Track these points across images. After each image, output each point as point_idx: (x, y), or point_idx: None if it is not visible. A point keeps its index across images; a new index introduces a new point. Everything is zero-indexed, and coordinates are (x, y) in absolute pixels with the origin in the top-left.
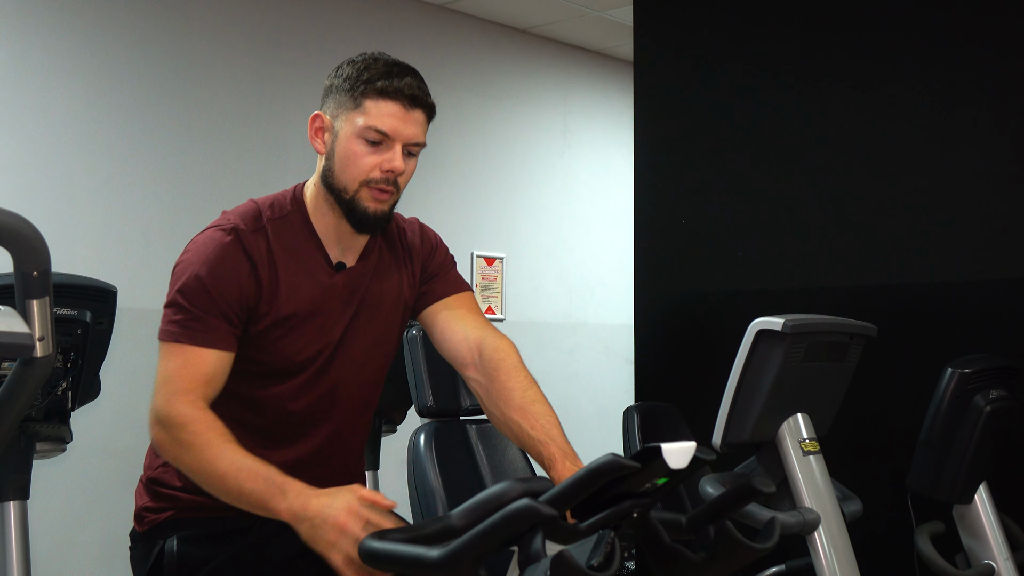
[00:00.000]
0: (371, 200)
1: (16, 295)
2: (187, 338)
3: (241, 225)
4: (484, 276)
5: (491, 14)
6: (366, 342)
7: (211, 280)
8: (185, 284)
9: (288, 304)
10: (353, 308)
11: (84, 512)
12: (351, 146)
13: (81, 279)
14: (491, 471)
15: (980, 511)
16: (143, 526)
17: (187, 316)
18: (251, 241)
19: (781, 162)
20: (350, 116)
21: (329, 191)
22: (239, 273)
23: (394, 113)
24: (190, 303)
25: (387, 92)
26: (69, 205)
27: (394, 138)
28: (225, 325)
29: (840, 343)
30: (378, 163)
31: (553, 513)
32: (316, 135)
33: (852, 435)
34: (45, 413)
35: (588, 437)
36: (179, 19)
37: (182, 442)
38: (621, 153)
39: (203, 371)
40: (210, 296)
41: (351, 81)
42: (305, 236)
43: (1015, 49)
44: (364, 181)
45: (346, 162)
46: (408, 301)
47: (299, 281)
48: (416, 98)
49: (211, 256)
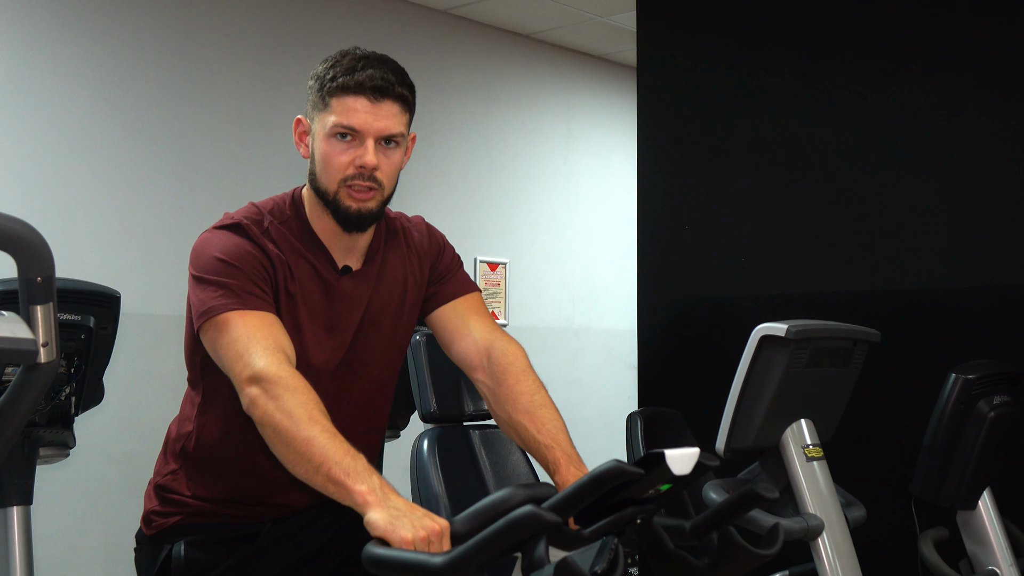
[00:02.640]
0: (350, 199)
1: (20, 301)
2: (238, 305)
3: (245, 222)
4: (487, 281)
5: (495, 19)
6: (375, 345)
7: (232, 257)
8: (210, 268)
9: (292, 301)
10: (361, 311)
11: (87, 517)
12: (325, 146)
13: (85, 284)
14: (495, 477)
15: (984, 517)
16: (151, 529)
17: (226, 290)
18: (258, 234)
19: (785, 168)
20: (321, 116)
21: (316, 194)
22: (255, 255)
23: (360, 107)
24: (223, 278)
25: (349, 88)
26: (73, 210)
27: (364, 132)
28: (261, 293)
29: (843, 349)
30: (351, 160)
31: (556, 519)
32: (300, 139)
33: (856, 441)
34: (49, 418)
35: (591, 443)
36: (183, 25)
37: (279, 397)
38: (624, 158)
39: (272, 331)
40: (238, 270)
41: (320, 81)
42: (307, 240)
43: (1020, 54)
44: (341, 180)
45: (324, 163)
46: (416, 302)
47: (303, 282)
48: (381, 89)
49: (224, 244)
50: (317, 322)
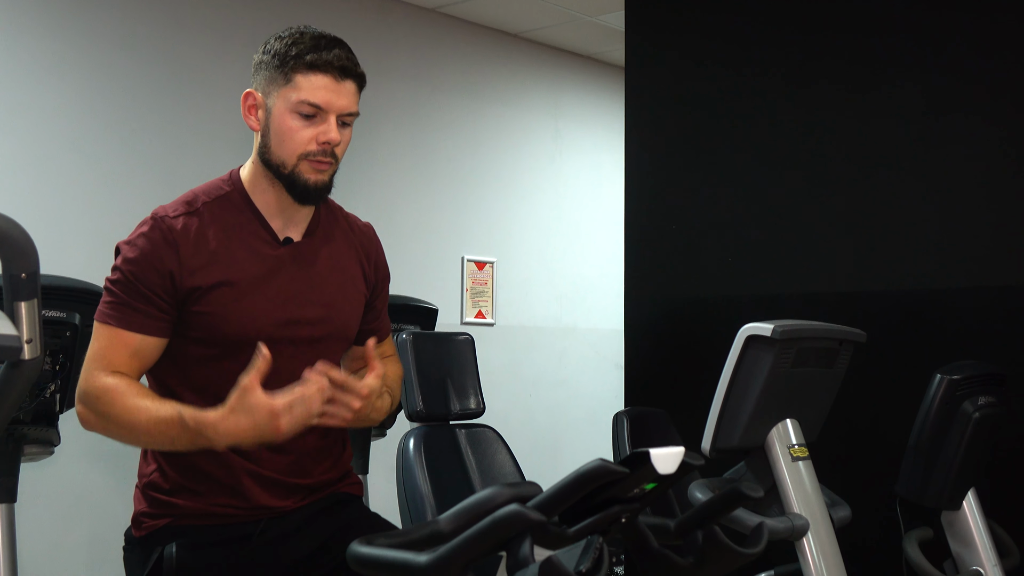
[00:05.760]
0: (311, 172)
1: (4, 297)
2: (114, 321)
3: (162, 212)
4: (475, 280)
5: (483, 18)
6: (322, 313)
7: (130, 267)
8: (113, 272)
9: (229, 276)
10: (303, 280)
11: (71, 515)
12: (286, 121)
13: (70, 281)
14: (480, 476)
15: (968, 517)
16: (140, 531)
17: (115, 300)
18: (173, 225)
19: (772, 168)
20: (282, 92)
21: (267, 167)
22: (158, 258)
23: (326, 85)
24: (117, 289)
25: (317, 65)
26: (58, 207)
27: (327, 110)
28: (151, 310)
29: (829, 349)
30: (314, 135)
31: (541, 518)
32: (249, 112)
33: (841, 441)
34: (33, 416)
35: (578, 442)
36: (173, 23)
37: (102, 413)
38: (612, 158)
39: (127, 350)
40: (133, 283)
41: (280, 57)
42: (247, 214)
43: (1008, 56)
44: (302, 155)
45: (282, 137)
46: (364, 292)
47: (240, 255)
48: (346, 69)
49: (131, 251)
50: (258, 293)
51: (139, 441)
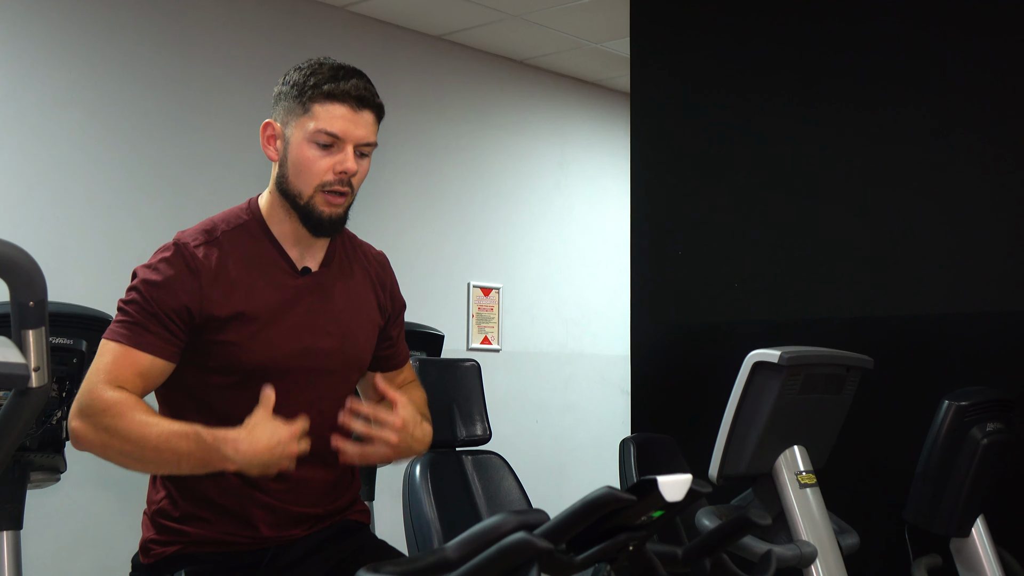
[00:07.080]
0: (326, 204)
1: (12, 325)
2: (126, 340)
3: (184, 239)
4: (480, 306)
5: (488, 45)
6: (337, 343)
7: (149, 290)
8: (129, 293)
9: (249, 306)
10: (322, 310)
11: (78, 542)
12: (303, 151)
13: (77, 308)
14: (487, 503)
15: (977, 544)
16: (149, 558)
17: (129, 320)
18: (196, 254)
19: (778, 193)
20: (300, 122)
21: (284, 197)
22: (179, 284)
23: (343, 115)
24: (132, 310)
25: (334, 95)
26: (65, 234)
27: (345, 140)
28: (164, 333)
29: (837, 375)
30: (331, 165)
31: (548, 546)
32: (268, 143)
33: (849, 467)
34: (40, 443)
35: (584, 468)
36: (181, 53)
37: (107, 426)
38: (617, 184)
39: (135, 368)
40: (149, 304)
41: (298, 87)
42: (265, 243)
43: (1019, 77)
44: (319, 185)
45: (299, 167)
46: (379, 322)
47: (260, 285)
48: (363, 99)
49: (151, 273)
50: (277, 323)
51: (144, 457)
